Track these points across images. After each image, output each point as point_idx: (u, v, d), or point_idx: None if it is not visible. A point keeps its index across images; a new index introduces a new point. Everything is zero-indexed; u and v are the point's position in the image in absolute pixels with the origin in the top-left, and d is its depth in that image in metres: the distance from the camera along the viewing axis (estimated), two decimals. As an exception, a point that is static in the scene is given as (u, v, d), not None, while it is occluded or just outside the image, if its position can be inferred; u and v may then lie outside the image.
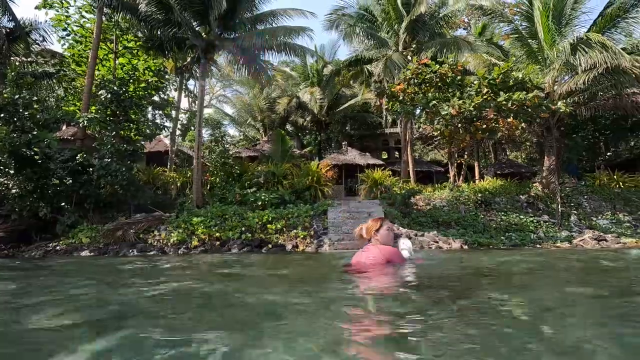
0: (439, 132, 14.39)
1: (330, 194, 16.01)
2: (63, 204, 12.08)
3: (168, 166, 18.17)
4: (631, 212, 13.54)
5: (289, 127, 29.73)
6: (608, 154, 19.73)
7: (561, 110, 13.29)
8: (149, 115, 17.21)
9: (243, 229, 10.84)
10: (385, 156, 29.16)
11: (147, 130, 15.59)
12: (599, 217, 13.30)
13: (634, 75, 12.50)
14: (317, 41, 65.69)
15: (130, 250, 10.16)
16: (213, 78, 25.39)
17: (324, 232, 10.69)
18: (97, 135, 16.20)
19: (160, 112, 19.32)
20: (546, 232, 12.45)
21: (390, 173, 16.76)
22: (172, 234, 10.66)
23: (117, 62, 17.96)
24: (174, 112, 19.28)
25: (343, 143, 25.99)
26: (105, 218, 12.51)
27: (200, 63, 14.95)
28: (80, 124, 13.64)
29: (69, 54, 17.93)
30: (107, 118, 14.21)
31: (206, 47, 14.43)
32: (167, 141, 21.04)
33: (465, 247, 9.95)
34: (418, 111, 15.55)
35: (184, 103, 25.16)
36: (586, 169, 18.44)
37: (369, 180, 16.05)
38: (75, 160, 12.68)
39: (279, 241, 10.44)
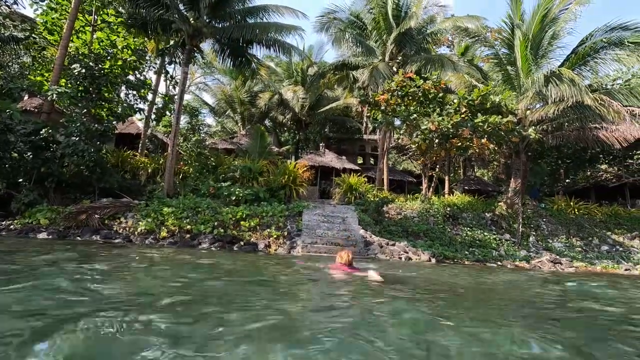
0: (416, 145, 14.83)
1: (305, 195, 16.04)
2: (21, 180, 11.30)
3: (139, 150, 17.44)
4: (582, 238, 14.58)
5: (268, 122, 29.43)
6: (567, 181, 21.11)
7: (531, 137, 14.12)
8: (122, 95, 16.39)
9: (216, 223, 10.63)
10: (360, 161, 29.58)
11: (119, 111, 14.88)
12: (555, 240, 14.20)
13: (597, 112, 13.46)
14: (306, 41, 65.46)
15: (94, 236, 9.68)
16: (195, 64, 24.62)
17: (298, 234, 10.69)
18: (65, 110, 15.27)
19: (135, 92, 18.51)
20: (507, 250, 13.14)
21: (366, 180, 17.01)
22: (140, 223, 10.26)
23: (94, 36, 17.01)
24: (150, 95, 18.53)
25: (321, 144, 26.07)
26: (67, 199, 11.82)
27: (184, 48, 14.48)
28: (49, 97, 12.79)
29: (42, 21, 16.74)
30: (79, 94, 13.42)
31: (193, 33, 14.00)
32: (140, 124, 20.19)
33: (433, 259, 10.30)
34: (398, 122, 15.94)
35: (163, 87, 24.24)
36: (547, 193, 19.62)
37: (344, 185, 16.22)
38: (39, 135, 11.89)
39: (252, 239, 10.32)
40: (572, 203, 16.53)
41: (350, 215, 12.22)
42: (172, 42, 16.10)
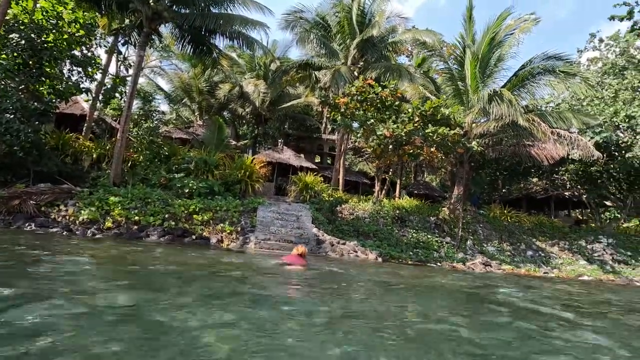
0: (372, 149, 15.47)
1: (260, 191, 16.06)
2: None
3: (83, 133, 16.26)
4: (512, 243, 16.17)
5: (226, 114, 28.75)
6: (503, 190, 23.20)
7: (474, 149, 15.36)
8: (66, 71, 15.14)
9: (166, 215, 10.33)
10: (318, 160, 30.00)
11: (62, 88, 13.77)
12: (489, 244, 15.61)
13: (530, 131, 14.99)
14: (270, 36, 64.47)
15: (28, 224, 8.98)
16: (152, 47, 23.37)
17: (251, 230, 10.74)
18: (-2, 84, 13.82)
19: (81, 70, 17.21)
20: (447, 252, 14.21)
21: (322, 179, 17.38)
22: (83, 211, 9.68)
23: (37, 4, 15.52)
24: (99, 75, 17.34)
25: (279, 141, 26.03)
26: (-4, 182, 10.77)
27: (141, 30, 13.79)
28: (-21, 68, 11.52)
29: (-27, -20, 14.93)
30: (16, 67, 12.25)
31: (152, 16, 13.38)
32: (85, 105, 18.77)
33: (380, 259, 10.90)
34: (356, 125, 16.47)
35: (113, 67, 22.67)
36: (485, 201, 21.40)
37: (300, 183, 16.44)
38: (-34, 110, 10.71)
39: (204, 233, 10.20)
40: (505, 211, 18.23)
41: (304, 214, 12.49)
42: (127, 22, 15.23)
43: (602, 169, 19.50)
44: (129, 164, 14.56)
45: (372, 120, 14.49)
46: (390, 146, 14.60)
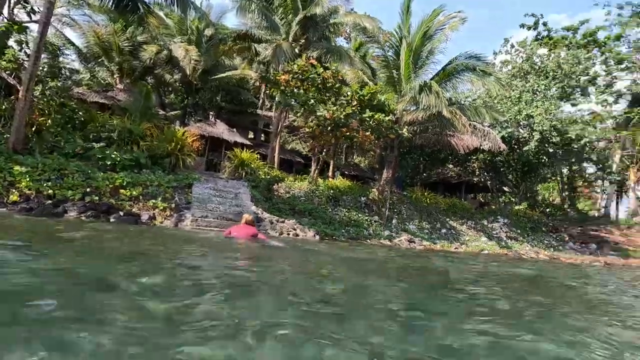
0: (310, 129, 15.67)
1: (192, 166, 15.29)
2: None
3: (-31, 88, 13.49)
4: (430, 222, 18.05)
5: (151, 79, 26.15)
6: (424, 175, 25.50)
7: (404, 135, 16.52)
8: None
9: (88, 189, 9.31)
10: (252, 136, 29.27)
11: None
12: (410, 223, 17.20)
13: (451, 122, 16.59)
14: (199, -7, 59.27)
15: None
16: (59, -9, 19.90)
17: (187, 207, 10.27)
18: None
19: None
20: (375, 230, 15.33)
21: (258, 156, 17.14)
22: (-23, 183, 8.23)
23: None
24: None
25: (211, 113, 24.74)
26: None
27: (51, -29, 11.69)
28: None
29: None
30: None
31: (66, -44, 11.39)
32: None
33: (317, 237, 11.36)
34: (294, 102, 16.42)
35: (6, 10, 18.82)
36: (409, 184, 23.32)
37: (236, 160, 16.00)
38: None
39: (134, 209, 9.46)
40: (425, 194, 20.16)
41: (243, 191, 12.30)
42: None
43: (504, 160, 22.60)
44: (33, 129, 12.58)
45: (312, 101, 14.61)
46: (329, 128, 14.94)
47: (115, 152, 11.80)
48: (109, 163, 11.35)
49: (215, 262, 4.90)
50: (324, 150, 21.42)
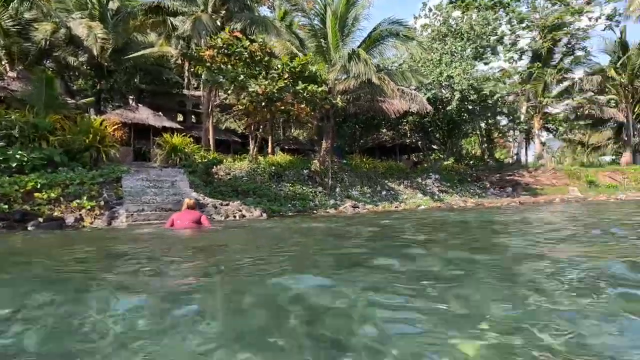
0: (243, 106, 15.14)
1: (117, 158, 14.04)
2: None
3: None
4: (370, 186, 18.94)
5: (50, 63, 22.80)
6: (361, 141, 26.39)
7: (338, 105, 16.75)
8: None
9: (-7, 198, 8.11)
10: (181, 119, 27.40)
11: None
12: (353, 189, 17.89)
13: (381, 88, 17.17)
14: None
15: None
16: None
17: (119, 203, 9.48)
18: None
19: None
20: (320, 200, 15.69)
21: (192, 140, 16.21)
22: None
23: None
24: None
25: (130, 97, 22.56)
26: None
27: None
28: None
29: None
30: None
31: None
32: None
33: (264, 215, 11.31)
34: (222, 79, 15.64)
35: None
36: (347, 152, 24.00)
37: (167, 146, 14.96)
38: None
39: (55, 213, 8.49)
40: (364, 159, 20.95)
41: (180, 179, 11.65)
42: None
43: (431, 120, 24.17)
44: None
45: (242, 77, 14.02)
46: (263, 103, 14.57)
47: (20, 152, 10.32)
48: (14, 165, 9.92)
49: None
50: (261, 126, 20.94)
